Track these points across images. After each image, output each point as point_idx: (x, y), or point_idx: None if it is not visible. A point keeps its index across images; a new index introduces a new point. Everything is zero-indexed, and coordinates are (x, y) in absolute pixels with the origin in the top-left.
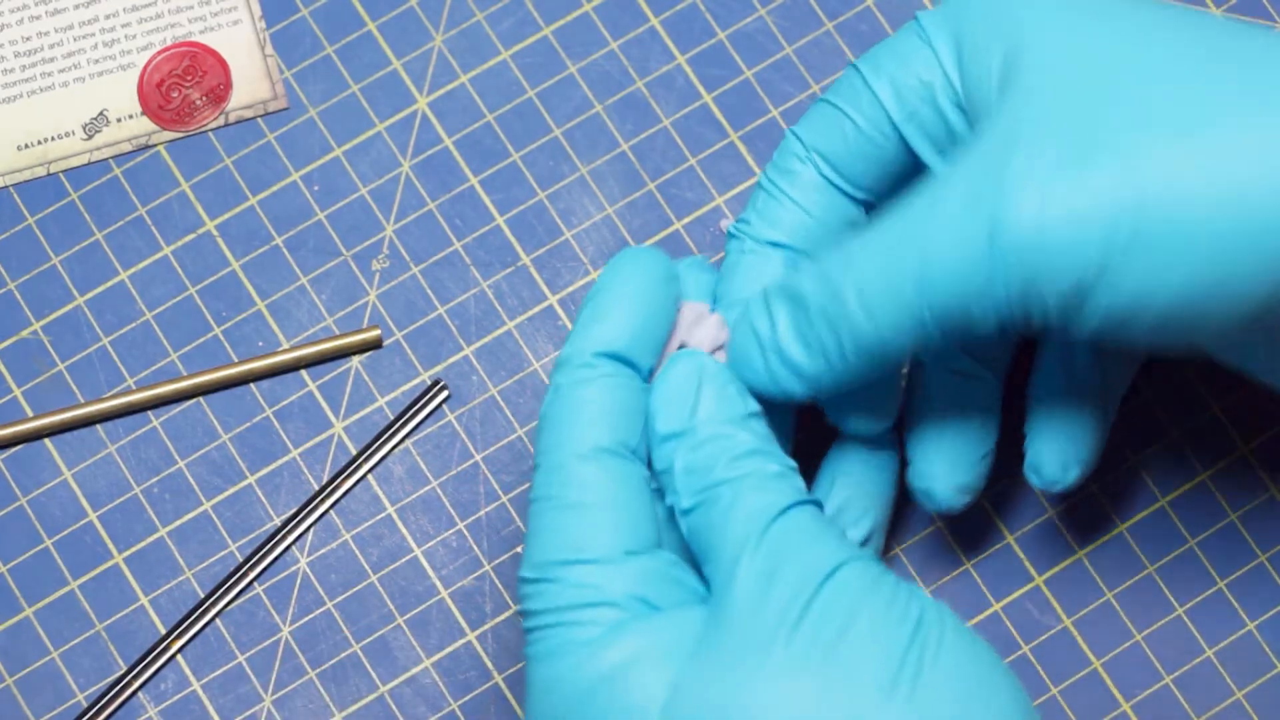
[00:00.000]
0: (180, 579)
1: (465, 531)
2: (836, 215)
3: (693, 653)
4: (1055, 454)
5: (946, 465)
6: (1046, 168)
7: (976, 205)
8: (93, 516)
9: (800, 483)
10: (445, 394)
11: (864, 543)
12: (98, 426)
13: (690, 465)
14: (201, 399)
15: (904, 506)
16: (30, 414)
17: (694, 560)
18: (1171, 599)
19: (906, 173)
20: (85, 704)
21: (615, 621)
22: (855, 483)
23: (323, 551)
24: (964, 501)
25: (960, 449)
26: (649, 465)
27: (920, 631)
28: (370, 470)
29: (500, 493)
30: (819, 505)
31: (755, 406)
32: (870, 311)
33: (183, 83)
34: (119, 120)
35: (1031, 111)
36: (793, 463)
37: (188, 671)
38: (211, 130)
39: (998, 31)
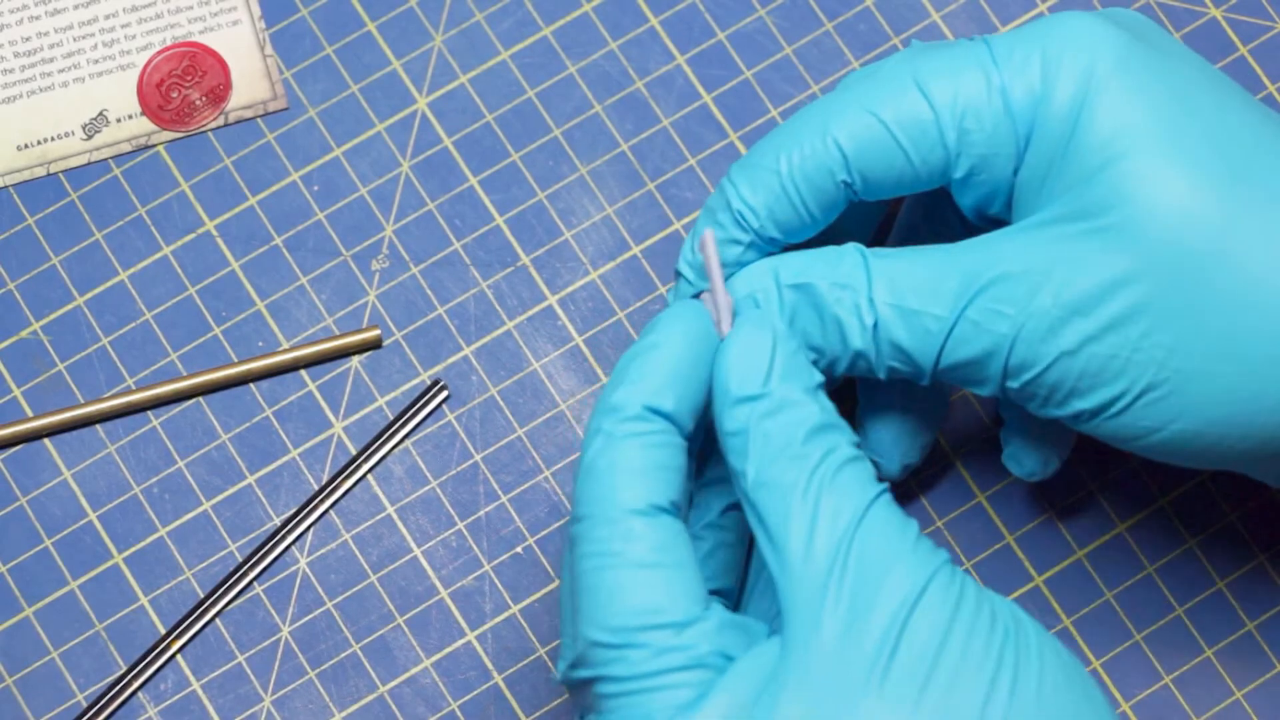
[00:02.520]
0: (180, 579)
1: (465, 531)
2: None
3: (781, 694)
4: (1033, 449)
5: (893, 448)
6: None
7: (1032, 277)
8: (93, 516)
9: (869, 466)
10: (445, 394)
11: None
12: (98, 426)
13: (768, 432)
14: (201, 399)
15: (904, 507)
16: (30, 414)
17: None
18: (1171, 599)
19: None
20: (85, 704)
21: (705, 681)
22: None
23: (323, 551)
24: (904, 474)
25: (905, 437)
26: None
27: (1007, 648)
28: (370, 470)
29: (500, 493)
30: (889, 492)
31: (820, 377)
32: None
33: (182, 83)
34: (119, 120)
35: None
36: (856, 437)
37: (188, 671)
38: (211, 130)
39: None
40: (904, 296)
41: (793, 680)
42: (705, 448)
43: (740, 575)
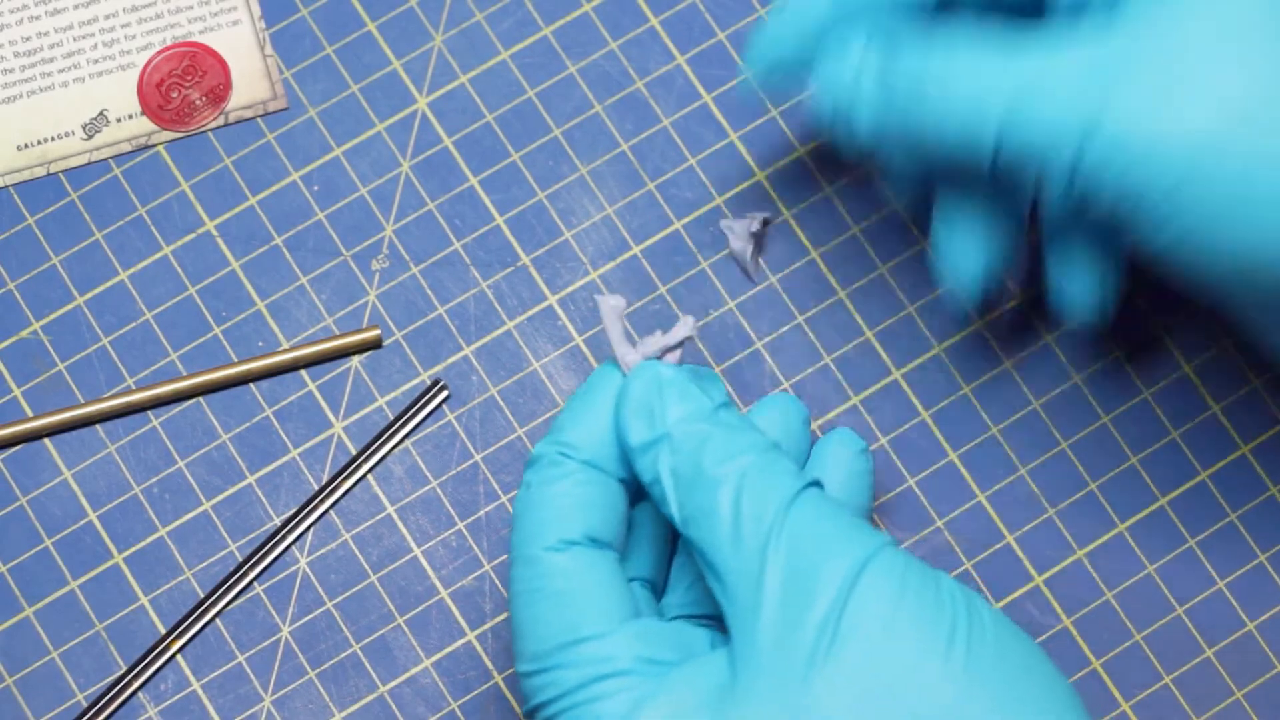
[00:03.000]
0: (180, 579)
1: (465, 531)
2: None
3: (726, 698)
4: (1084, 276)
5: (972, 254)
6: (1157, 86)
7: (1088, 86)
8: (93, 516)
9: (787, 461)
10: (445, 394)
11: None
12: (98, 426)
13: (676, 469)
14: (201, 399)
15: (904, 507)
16: (30, 414)
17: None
18: (1171, 599)
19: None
20: (85, 704)
21: (635, 688)
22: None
23: (323, 551)
24: (986, 293)
25: (982, 243)
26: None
27: (959, 620)
28: (370, 470)
29: (500, 493)
30: (818, 484)
31: (721, 395)
32: (945, 105)
33: (182, 83)
34: (119, 120)
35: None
36: (768, 439)
37: (188, 671)
38: (211, 130)
39: None
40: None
41: (739, 684)
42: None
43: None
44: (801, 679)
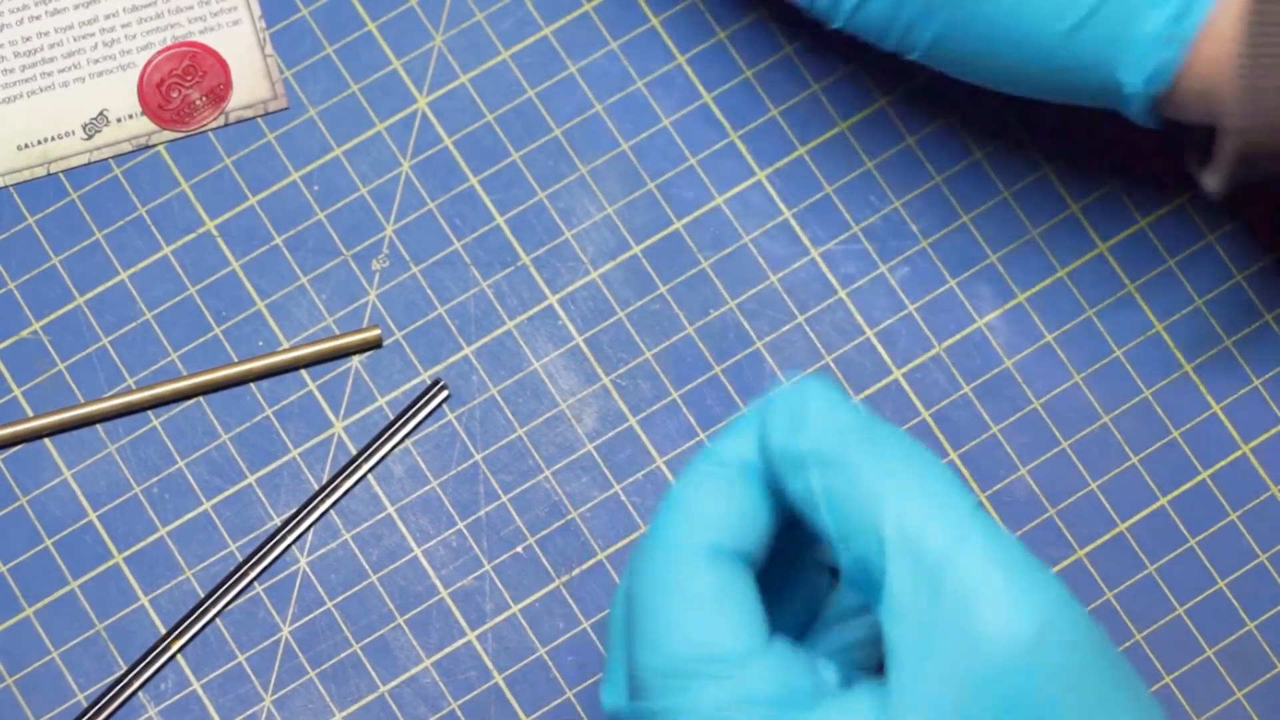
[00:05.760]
0: (180, 579)
1: (465, 531)
2: None
3: None
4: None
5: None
6: None
7: None
8: (93, 516)
9: (951, 474)
10: (445, 394)
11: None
12: (98, 426)
13: (830, 487)
14: (201, 399)
15: None
16: (30, 414)
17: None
18: (1172, 599)
19: None
20: (85, 704)
21: (768, 717)
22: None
23: (323, 551)
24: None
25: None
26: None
27: (1140, 691)
28: (370, 470)
29: (500, 492)
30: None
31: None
32: None
33: (183, 83)
34: (119, 120)
35: None
36: (926, 448)
37: (188, 671)
38: (211, 130)
39: None
40: None
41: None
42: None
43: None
44: None
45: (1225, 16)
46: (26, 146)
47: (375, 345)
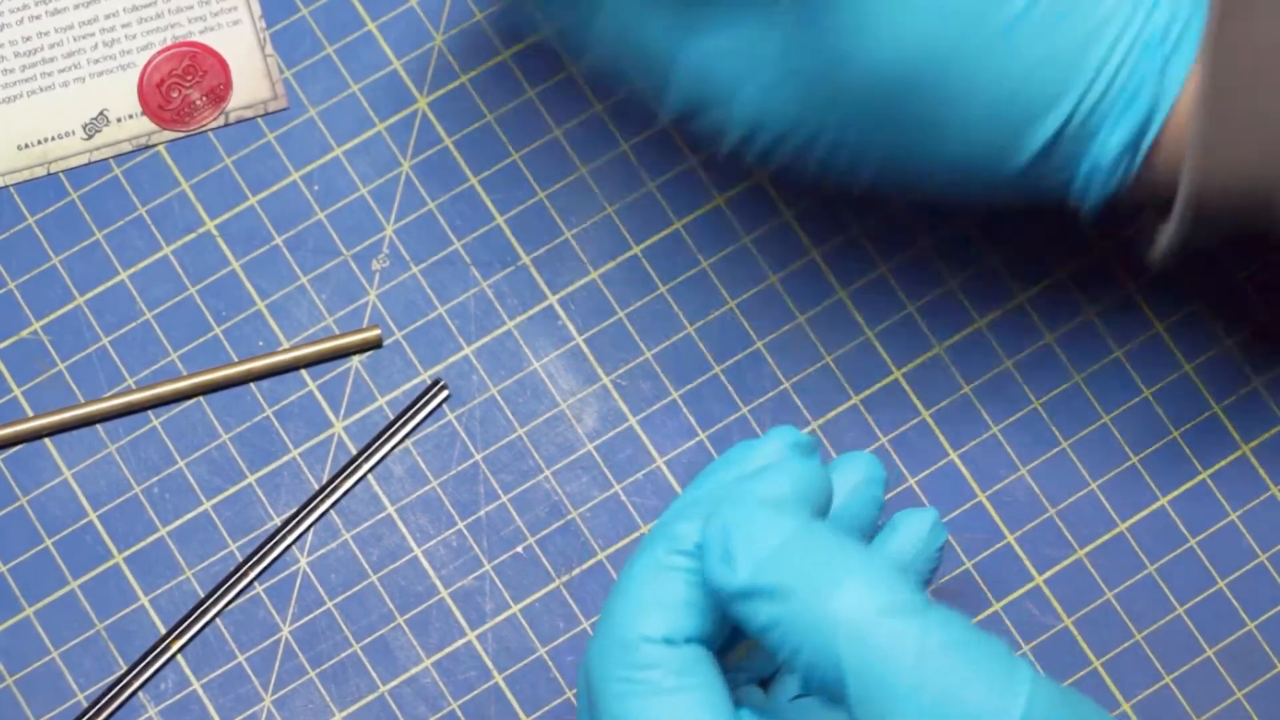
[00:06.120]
0: (180, 579)
1: (465, 531)
2: None
3: None
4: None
5: None
6: None
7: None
8: (93, 516)
9: (897, 573)
10: (445, 394)
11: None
12: (98, 426)
13: (778, 617)
14: (201, 399)
15: (905, 507)
16: (30, 414)
17: None
18: (1171, 599)
19: None
20: (85, 704)
21: None
22: None
23: (323, 551)
24: None
25: None
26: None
27: None
28: (370, 470)
29: (500, 492)
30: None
31: (815, 497)
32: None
33: (183, 83)
34: (119, 120)
35: None
36: (866, 547)
37: (188, 671)
38: (211, 130)
39: None
40: None
41: None
42: None
43: None
44: None
45: (1184, 95)
46: (26, 146)
47: (375, 345)
